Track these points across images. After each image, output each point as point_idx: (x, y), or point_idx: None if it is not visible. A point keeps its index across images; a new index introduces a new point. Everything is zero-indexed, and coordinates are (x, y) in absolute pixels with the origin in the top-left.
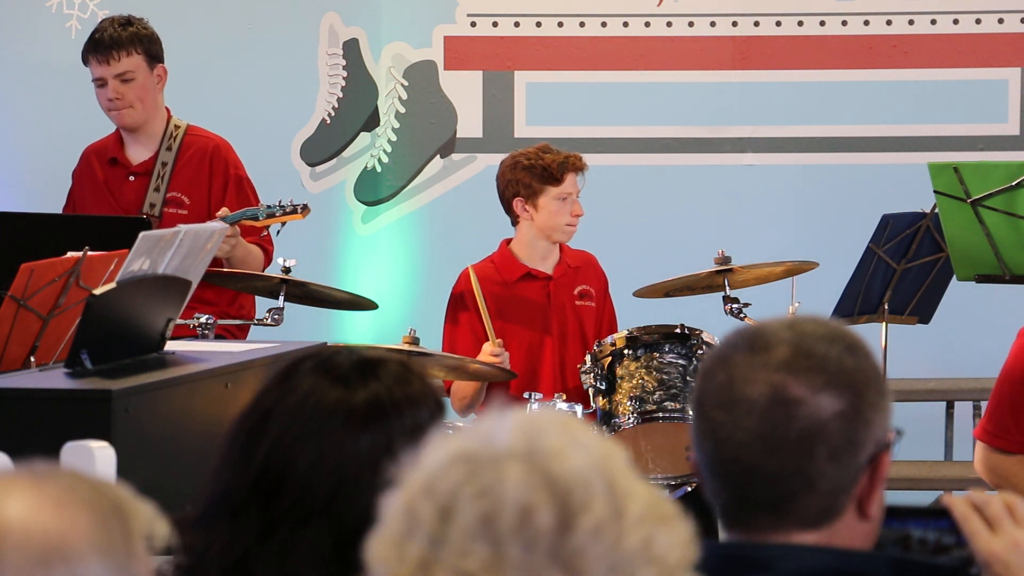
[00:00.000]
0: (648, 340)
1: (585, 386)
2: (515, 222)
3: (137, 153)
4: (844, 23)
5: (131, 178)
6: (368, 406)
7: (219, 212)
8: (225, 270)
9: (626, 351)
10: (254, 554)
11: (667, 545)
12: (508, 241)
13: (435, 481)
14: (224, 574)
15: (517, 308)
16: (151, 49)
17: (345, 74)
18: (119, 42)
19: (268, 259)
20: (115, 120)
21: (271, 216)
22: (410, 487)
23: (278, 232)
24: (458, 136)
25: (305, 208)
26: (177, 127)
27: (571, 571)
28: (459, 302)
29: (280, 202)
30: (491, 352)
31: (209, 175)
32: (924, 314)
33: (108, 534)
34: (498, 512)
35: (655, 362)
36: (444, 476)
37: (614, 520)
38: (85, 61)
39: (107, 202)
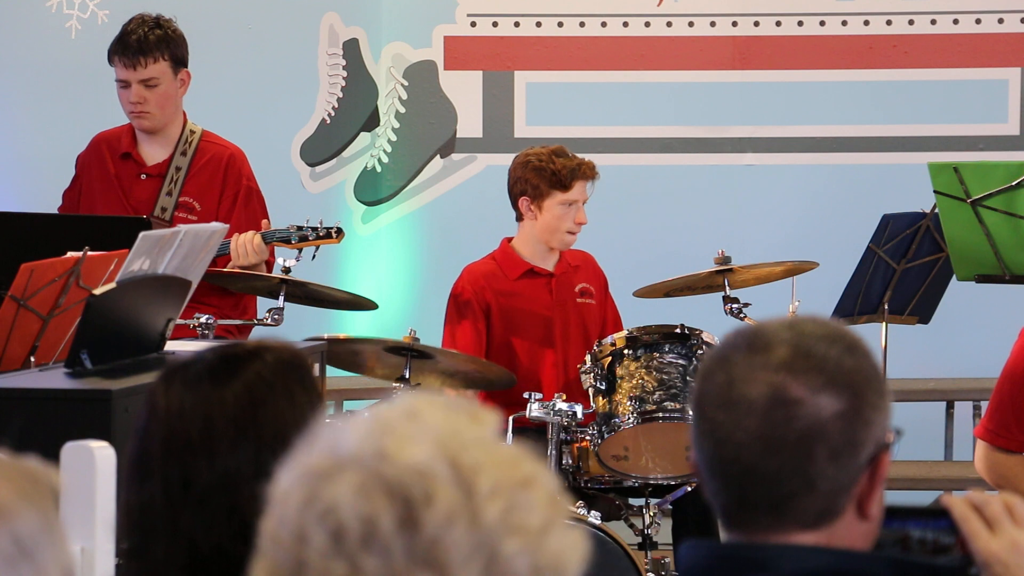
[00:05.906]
0: (648, 340)
1: (585, 386)
2: (519, 218)
3: (151, 152)
4: (844, 23)
5: (142, 177)
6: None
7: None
8: (225, 270)
9: (626, 351)
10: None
11: (527, 509)
12: (509, 239)
13: (285, 506)
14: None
15: (520, 306)
16: (177, 53)
17: (345, 74)
18: (147, 48)
19: (268, 270)
20: (134, 122)
21: (304, 240)
22: (271, 511)
23: (313, 257)
24: (458, 136)
25: (340, 232)
26: (192, 132)
27: (433, 563)
28: (459, 301)
29: (309, 222)
30: None
31: (222, 184)
32: (924, 314)
33: (26, 489)
34: (344, 528)
35: (655, 362)
36: (291, 500)
37: (465, 501)
38: (110, 60)
39: (117, 198)
